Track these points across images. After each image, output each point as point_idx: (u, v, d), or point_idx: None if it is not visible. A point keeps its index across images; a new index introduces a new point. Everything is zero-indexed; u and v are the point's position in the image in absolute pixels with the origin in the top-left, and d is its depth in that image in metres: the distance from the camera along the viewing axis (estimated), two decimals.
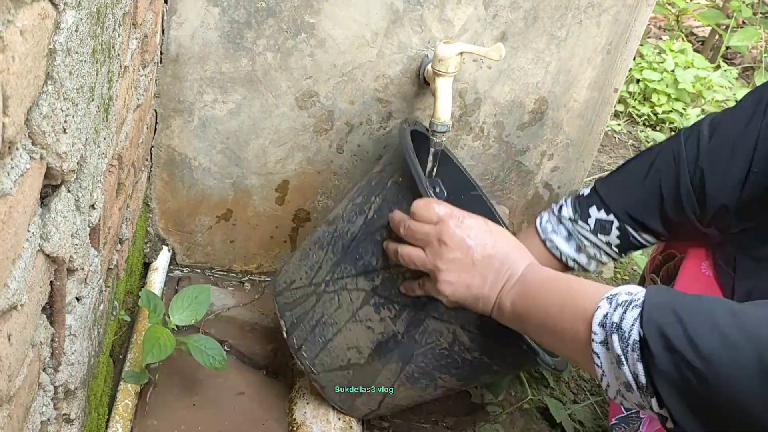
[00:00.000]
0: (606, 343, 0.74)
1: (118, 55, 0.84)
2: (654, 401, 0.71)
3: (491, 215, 1.33)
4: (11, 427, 0.62)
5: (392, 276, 1.04)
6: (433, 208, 0.97)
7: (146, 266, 1.49)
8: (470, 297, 0.94)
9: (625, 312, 0.73)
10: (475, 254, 0.92)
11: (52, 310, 0.74)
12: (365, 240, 1.09)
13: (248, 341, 1.42)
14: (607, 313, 0.75)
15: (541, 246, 1.19)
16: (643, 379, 0.71)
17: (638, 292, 0.75)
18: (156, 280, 1.44)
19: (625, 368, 0.72)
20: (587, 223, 1.16)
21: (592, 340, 0.76)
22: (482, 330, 1.01)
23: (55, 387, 0.80)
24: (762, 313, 0.66)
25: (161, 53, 1.24)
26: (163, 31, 1.22)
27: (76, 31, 0.62)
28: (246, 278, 1.56)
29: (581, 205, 1.17)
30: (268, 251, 1.53)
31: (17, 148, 0.53)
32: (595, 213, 1.15)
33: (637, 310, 0.72)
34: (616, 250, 1.16)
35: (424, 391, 1.14)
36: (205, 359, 1.19)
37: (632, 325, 0.71)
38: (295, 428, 1.22)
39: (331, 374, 1.16)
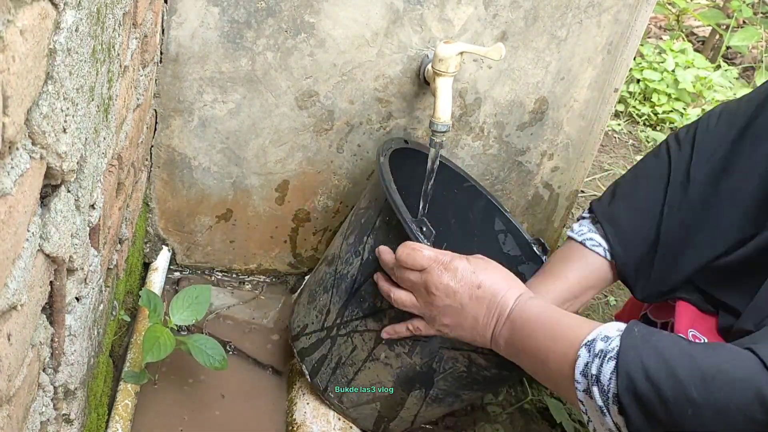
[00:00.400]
0: (588, 392, 0.77)
1: (118, 54, 0.84)
2: None
3: (486, 202, 1.35)
4: (11, 428, 0.62)
5: (399, 314, 1.05)
6: (416, 257, 0.97)
7: (146, 266, 1.48)
8: (467, 335, 0.97)
9: (602, 365, 0.75)
10: (463, 298, 0.94)
11: (51, 310, 0.74)
12: (366, 282, 1.11)
13: (248, 341, 1.42)
14: (587, 363, 0.78)
15: (581, 248, 1.13)
16: (625, 431, 0.74)
17: (614, 339, 0.77)
18: (156, 280, 1.44)
19: (608, 419, 0.75)
20: None
21: (576, 388, 0.78)
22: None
23: (54, 387, 0.80)
24: (725, 375, 0.69)
25: (161, 53, 1.24)
26: (163, 30, 1.21)
27: (76, 31, 0.62)
28: (246, 278, 1.56)
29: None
30: (268, 251, 1.53)
31: (17, 148, 0.53)
32: None
33: (613, 363, 0.75)
34: None
35: (451, 406, 1.18)
36: (205, 359, 1.19)
37: (610, 379, 0.74)
38: (295, 428, 1.22)
39: (360, 408, 1.19)
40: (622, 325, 0.79)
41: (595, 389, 0.75)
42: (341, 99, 1.34)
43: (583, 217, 1.18)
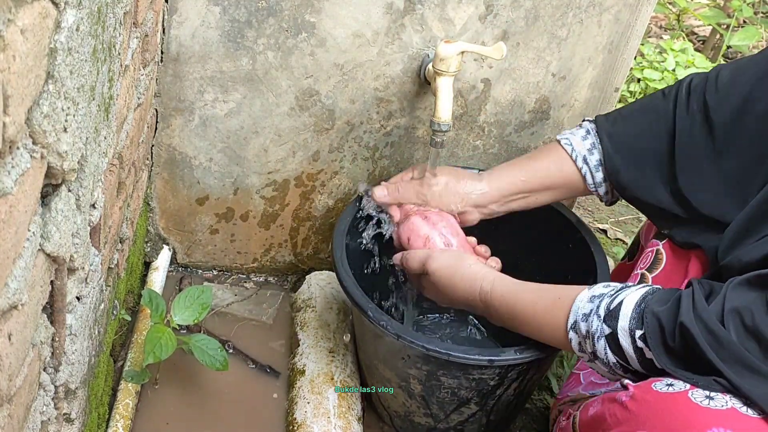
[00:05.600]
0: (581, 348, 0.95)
1: (119, 54, 0.84)
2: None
3: None
4: (11, 427, 0.62)
5: None
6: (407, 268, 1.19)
7: (147, 265, 1.49)
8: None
9: (594, 344, 0.92)
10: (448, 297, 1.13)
11: (52, 309, 0.74)
12: None
13: (249, 340, 1.42)
14: (580, 342, 0.94)
15: (556, 148, 1.19)
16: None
17: (593, 317, 0.92)
18: (156, 280, 1.44)
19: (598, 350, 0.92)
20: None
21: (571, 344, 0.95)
22: None
23: (55, 386, 0.80)
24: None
25: (162, 52, 1.24)
26: (163, 30, 1.21)
27: (77, 30, 0.62)
28: (246, 277, 1.56)
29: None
30: (268, 250, 1.53)
31: (18, 148, 0.53)
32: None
33: (603, 341, 0.90)
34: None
35: None
36: (207, 360, 1.19)
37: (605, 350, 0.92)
38: (295, 428, 1.22)
39: None
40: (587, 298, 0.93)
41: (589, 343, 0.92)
42: (342, 98, 1.34)
43: (579, 126, 1.21)
